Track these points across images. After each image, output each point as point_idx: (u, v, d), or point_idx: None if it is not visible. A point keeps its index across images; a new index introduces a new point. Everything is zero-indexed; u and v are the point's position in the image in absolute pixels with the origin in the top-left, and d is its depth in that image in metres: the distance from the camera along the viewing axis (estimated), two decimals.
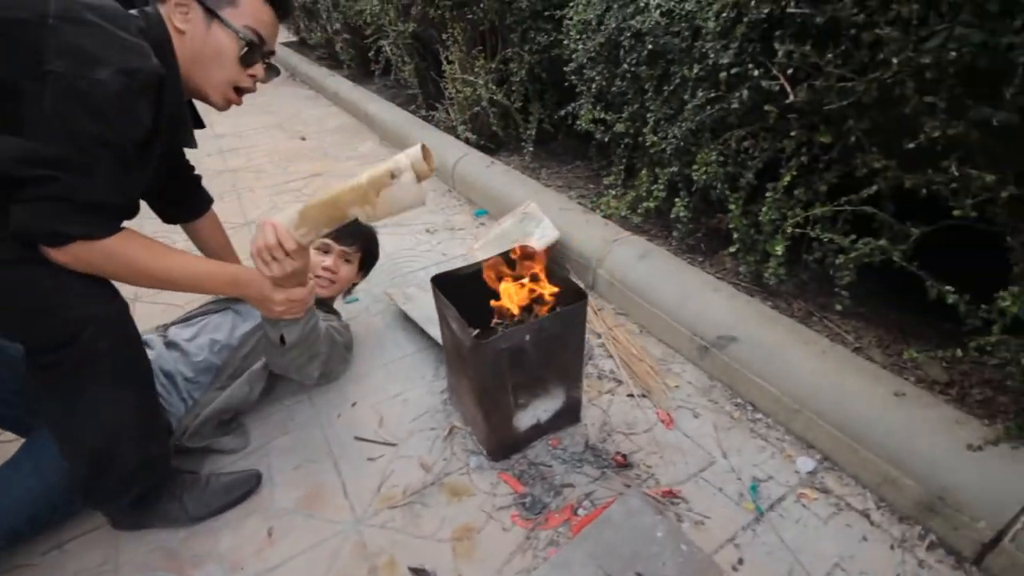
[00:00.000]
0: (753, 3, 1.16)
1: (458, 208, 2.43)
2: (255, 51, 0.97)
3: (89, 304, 0.84)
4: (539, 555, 1.00)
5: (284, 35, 7.45)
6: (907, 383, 1.10)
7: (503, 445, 1.17)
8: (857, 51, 1.03)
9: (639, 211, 1.78)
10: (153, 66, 0.82)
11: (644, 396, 1.34)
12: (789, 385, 1.19)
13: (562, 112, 2.08)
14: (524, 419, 1.15)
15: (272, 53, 1.02)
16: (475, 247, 1.99)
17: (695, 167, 1.46)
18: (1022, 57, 0.81)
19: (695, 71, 1.36)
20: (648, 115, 1.59)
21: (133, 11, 0.88)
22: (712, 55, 1.29)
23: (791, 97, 1.16)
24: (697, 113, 1.39)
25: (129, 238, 0.84)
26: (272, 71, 1.06)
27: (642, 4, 1.46)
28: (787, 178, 1.26)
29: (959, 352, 1.02)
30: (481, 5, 2.18)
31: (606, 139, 1.88)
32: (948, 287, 1.02)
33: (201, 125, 1.08)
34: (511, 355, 1.01)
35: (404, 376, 1.46)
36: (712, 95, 1.35)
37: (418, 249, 2.10)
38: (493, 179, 2.31)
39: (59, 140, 0.73)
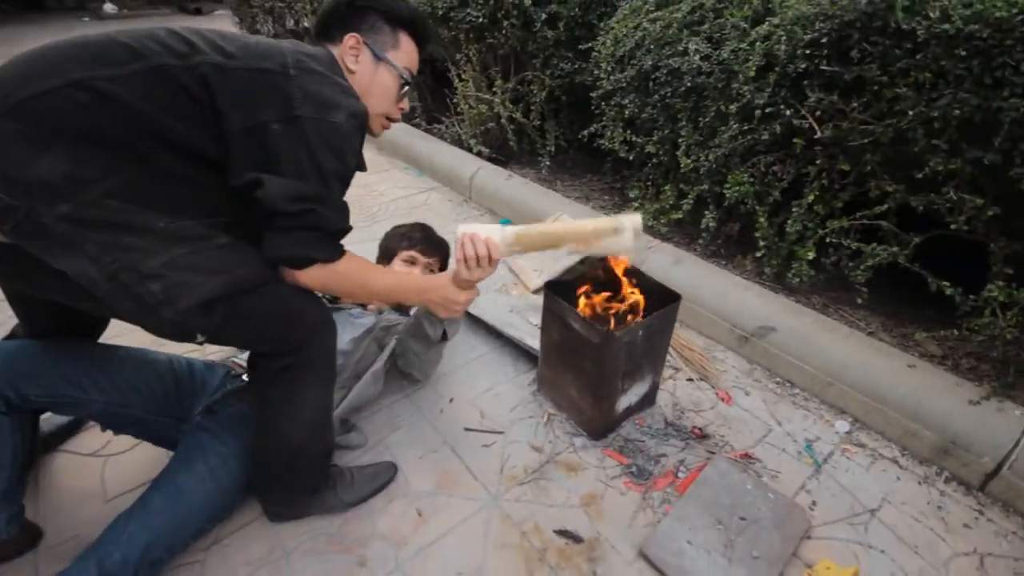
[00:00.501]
0: (786, 59, 1.44)
1: (479, 218, 2.59)
2: (408, 86, 1.12)
3: (316, 313, 0.97)
4: (657, 511, 1.21)
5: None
6: (914, 358, 1.43)
7: (604, 426, 1.37)
8: (878, 102, 1.33)
9: (663, 222, 2.04)
10: (363, 107, 0.95)
11: (702, 379, 1.59)
12: (822, 363, 1.49)
13: (584, 132, 2.31)
14: (622, 403, 1.36)
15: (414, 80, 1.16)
16: (515, 256, 2.17)
17: (727, 186, 1.73)
18: (1007, 116, 1.13)
19: (730, 107, 1.63)
20: (680, 140, 1.85)
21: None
22: (748, 95, 1.56)
23: (818, 134, 1.45)
24: (731, 142, 1.67)
25: (351, 259, 0.97)
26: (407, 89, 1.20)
27: (681, 48, 1.71)
28: (811, 196, 1.56)
29: (955, 332, 1.35)
30: (504, 32, 2.37)
31: (630, 157, 2.12)
32: (945, 282, 1.35)
33: None
34: (628, 347, 1.22)
35: (487, 373, 1.61)
36: (745, 127, 1.63)
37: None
38: (514, 191, 2.50)
39: (314, 177, 0.86)
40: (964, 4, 1.13)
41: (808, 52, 1.40)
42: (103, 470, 1.31)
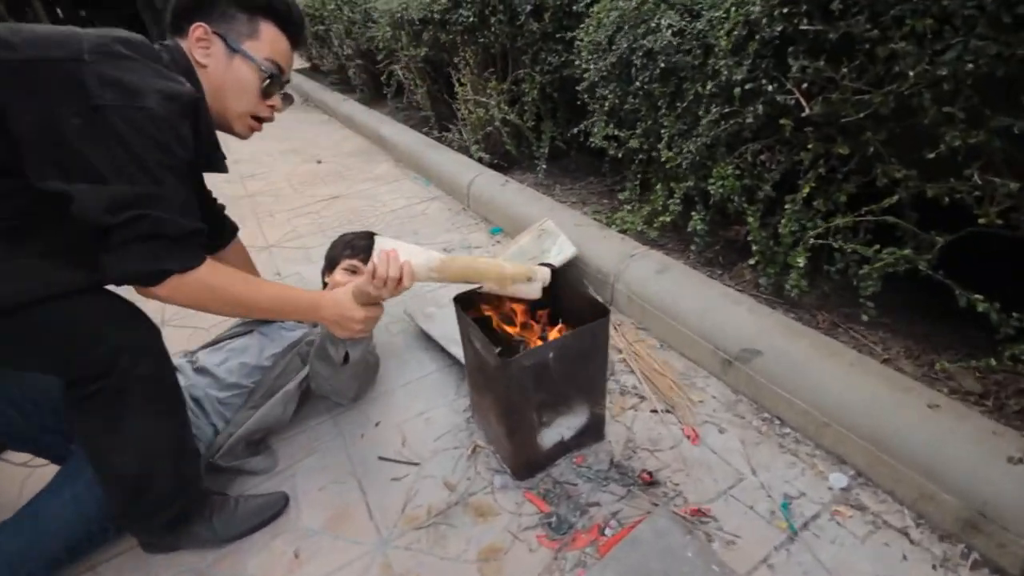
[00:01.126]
0: (765, 21, 1.17)
1: (474, 226, 2.46)
2: (275, 82, 1.01)
3: (124, 333, 0.87)
4: None
5: (297, 62, 7.67)
6: (940, 394, 1.08)
7: (527, 463, 1.17)
8: (872, 65, 1.04)
9: (655, 225, 1.78)
10: (189, 90, 0.86)
11: (668, 411, 1.33)
12: (817, 398, 1.18)
13: (574, 130, 2.10)
14: (548, 437, 1.15)
15: (288, 82, 1.06)
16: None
17: (711, 181, 1.46)
18: None
19: (708, 87, 1.37)
20: (662, 131, 1.60)
21: (155, 45, 0.92)
22: (725, 72, 1.30)
23: (807, 110, 1.17)
24: (712, 128, 1.41)
25: (215, 267, 0.88)
26: (287, 99, 1.10)
27: (653, 24, 1.48)
28: (805, 190, 1.26)
29: (992, 361, 1.00)
30: (492, 29, 2.23)
31: (619, 155, 1.89)
32: (977, 296, 1.01)
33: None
34: (535, 372, 1.02)
35: (426, 395, 1.46)
36: (726, 110, 1.36)
37: None
38: (507, 197, 2.34)
39: (131, 174, 0.77)
40: None
41: (786, 11, 1.13)
42: (25, 482, 1.31)
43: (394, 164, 3.45)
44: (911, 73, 0.95)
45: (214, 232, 1.31)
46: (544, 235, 1.95)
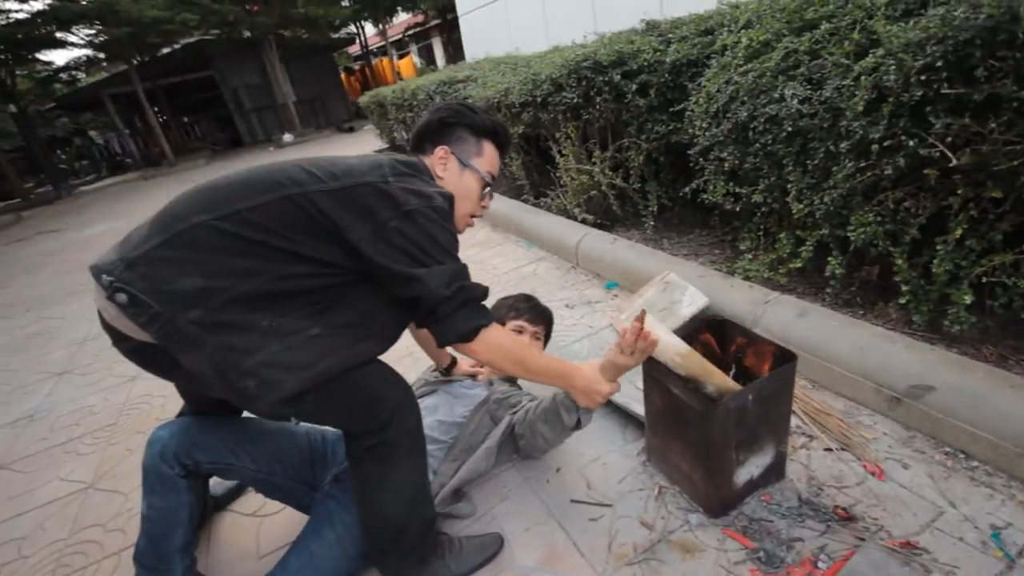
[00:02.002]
0: (900, 87, 1.31)
1: (588, 283, 2.63)
2: (491, 187, 1.24)
3: (397, 393, 1.08)
4: None
5: (376, 143, 8.44)
6: None
7: (722, 502, 1.25)
8: (1021, 119, 1.15)
9: (781, 272, 1.88)
10: (449, 192, 1.09)
11: (844, 449, 1.38)
12: (1006, 430, 1.21)
13: (685, 189, 2.27)
14: (741, 475, 1.24)
15: (495, 182, 1.29)
16: (621, 317, 2.14)
17: (851, 228, 1.56)
18: None
19: (841, 146, 1.51)
20: (788, 185, 1.74)
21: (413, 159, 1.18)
22: (859, 131, 1.44)
23: (954, 162, 1.28)
24: (847, 181, 1.53)
25: (499, 328, 1.09)
26: (491, 196, 1.32)
27: (776, 95, 1.65)
28: (958, 232, 1.35)
29: None
30: (597, 107, 2.49)
31: (737, 208, 2.03)
32: None
33: None
34: (737, 415, 1.13)
35: (594, 442, 1.58)
36: (862, 164, 1.49)
37: (563, 324, 2.28)
38: (619, 253, 2.51)
39: (444, 255, 0.99)
40: None
41: (923, 78, 1.27)
42: (259, 529, 1.51)
43: (492, 230, 3.73)
44: None
45: None
46: (669, 287, 2.08)
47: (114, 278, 0.90)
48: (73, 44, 12.94)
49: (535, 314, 1.69)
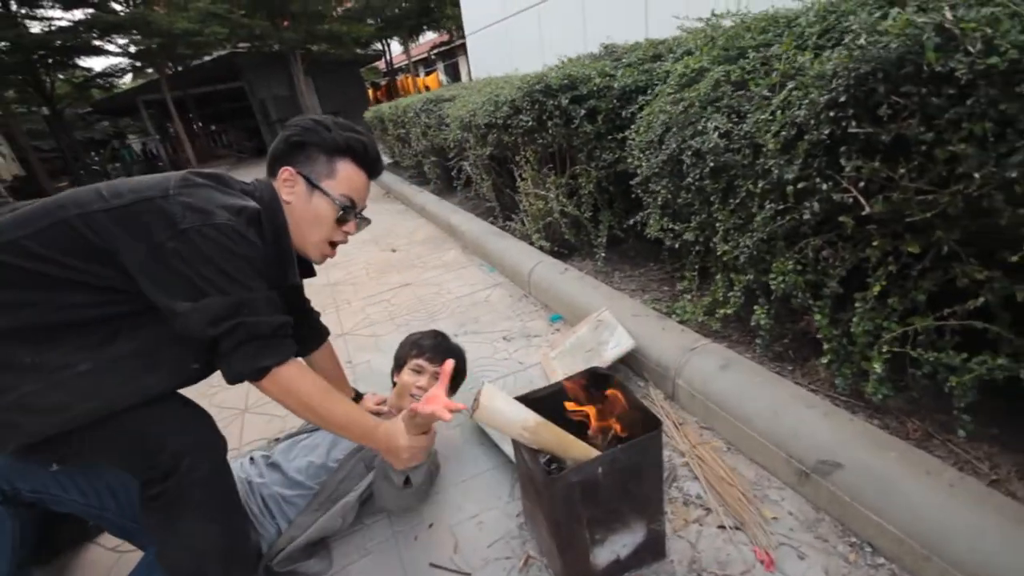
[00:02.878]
0: (813, 123, 1.18)
1: (535, 313, 2.50)
2: (349, 213, 1.13)
3: (185, 436, 0.96)
4: None
5: (384, 159, 8.52)
6: None
7: None
8: (933, 165, 1.00)
9: (717, 316, 1.73)
10: (251, 205, 0.99)
11: (738, 528, 1.21)
12: (914, 524, 1.03)
13: (631, 221, 2.14)
14: (602, 555, 1.09)
15: (362, 210, 1.18)
16: (550, 355, 2.01)
17: (772, 275, 1.42)
18: None
19: (760, 186, 1.37)
20: (717, 224, 1.60)
21: (247, 181, 1.08)
22: (776, 171, 1.30)
23: (867, 210, 1.13)
24: (767, 224, 1.38)
25: (304, 370, 0.98)
26: (364, 221, 1.22)
27: (700, 127, 1.53)
28: (876, 288, 1.19)
29: None
30: (549, 131, 2.39)
31: (676, 245, 1.89)
32: None
33: (312, 274, 1.25)
34: (583, 488, 0.98)
35: (480, 496, 1.44)
36: (781, 207, 1.34)
37: (495, 357, 2.16)
38: (567, 285, 2.38)
39: (222, 285, 0.88)
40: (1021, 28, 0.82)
41: (832, 115, 1.13)
42: (115, 565, 1.42)
43: (462, 251, 3.64)
44: (976, 175, 0.90)
45: (308, 336, 1.43)
46: (601, 326, 1.95)
47: None
48: (109, 52, 13.52)
49: (438, 351, 1.57)
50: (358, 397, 1.59)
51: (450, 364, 1.10)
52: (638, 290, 2.26)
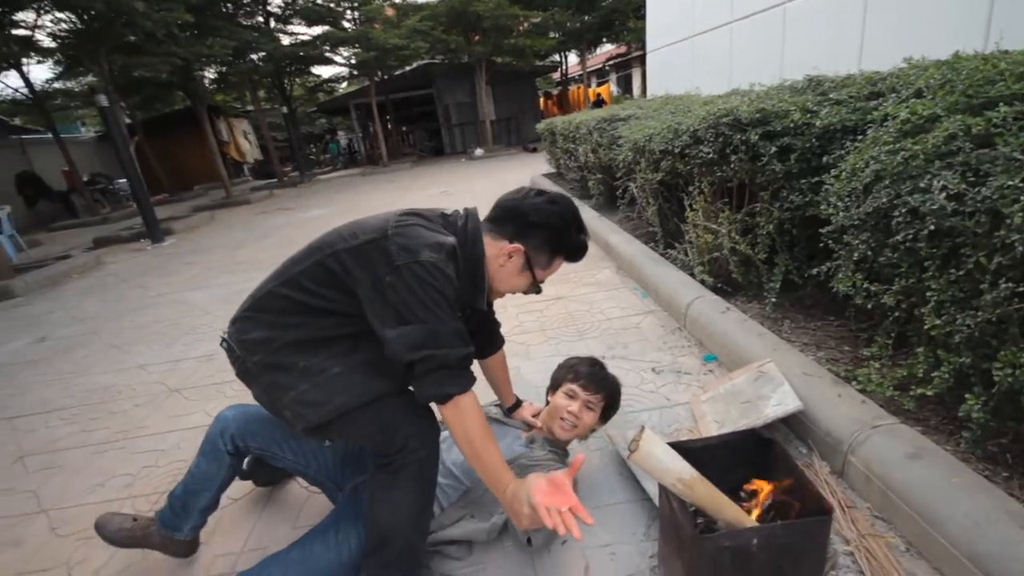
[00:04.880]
0: None
1: (687, 349, 2.43)
2: (534, 289, 1.28)
3: (413, 425, 1.17)
4: None
5: (546, 167, 8.85)
6: None
7: None
8: None
9: (911, 394, 1.52)
10: (449, 241, 1.13)
11: None
12: None
13: (814, 271, 1.97)
14: None
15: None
16: (701, 399, 1.95)
17: (997, 364, 1.21)
18: None
19: (995, 260, 1.18)
20: (928, 293, 1.40)
21: (448, 211, 1.25)
22: (1021, 247, 1.11)
23: None
24: (999, 305, 1.19)
25: (476, 404, 1.11)
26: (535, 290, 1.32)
27: (923, 184, 1.36)
28: None
29: None
30: (732, 165, 2.29)
31: (869, 306, 1.69)
32: None
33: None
34: (734, 555, 0.97)
35: (614, 526, 1.47)
36: (1021, 289, 1.14)
37: (642, 388, 2.15)
38: (728, 326, 2.26)
39: (421, 316, 1.05)
40: None
41: None
42: (304, 503, 1.74)
43: (615, 271, 3.65)
44: None
45: (487, 343, 1.60)
46: (763, 378, 1.83)
47: (224, 332, 1.27)
48: (335, 62, 16.11)
49: (592, 381, 1.61)
50: (518, 403, 1.72)
51: (580, 460, 1.08)
52: (811, 345, 2.07)
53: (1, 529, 1.82)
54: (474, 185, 9.70)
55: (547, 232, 1.20)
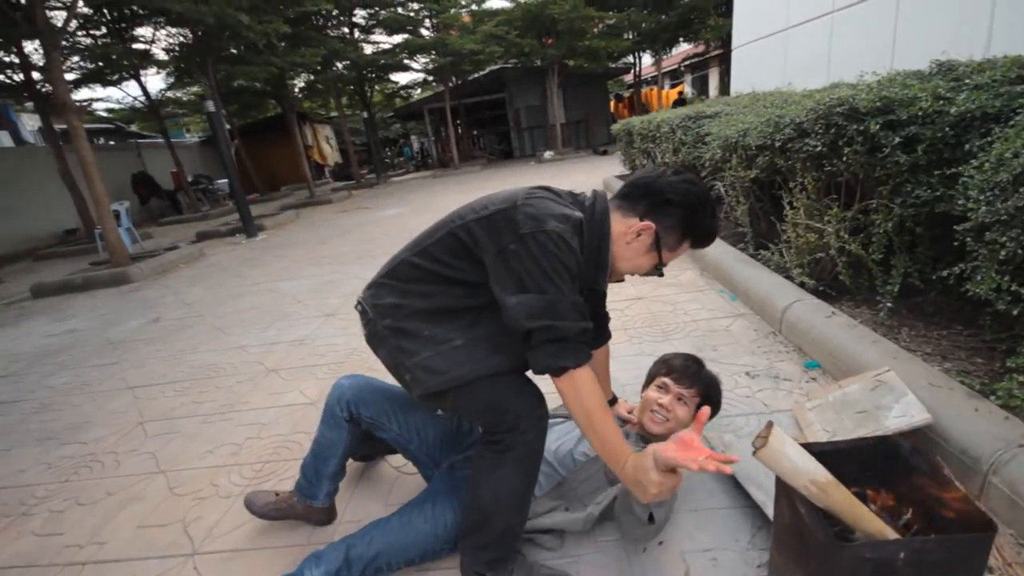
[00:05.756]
0: None
1: (784, 355, 2.28)
2: (658, 271, 1.23)
3: (524, 406, 1.17)
4: None
5: (618, 169, 8.69)
6: None
7: None
8: None
9: None
10: (576, 215, 1.11)
11: None
12: None
13: (944, 272, 1.78)
14: None
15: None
16: (806, 407, 1.81)
17: None
18: None
19: None
20: None
21: (577, 193, 1.23)
22: None
23: None
24: None
25: (592, 377, 1.09)
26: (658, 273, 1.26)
27: None
28: None
29: None
30: (844, 159, 2.13)
31: (1015, 312, 1.50)
32: None
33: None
34: (875, 568, 0.88)
35: (715, 532, 1.39)
36: None
37: (736, 392, 2.03)
38: (834, 331, 2.10)
39: (542, 285, 1.04)
40: None
41: None
42: (395, 482, 1.79)
43: (699, 273, 3.51)
44: None
45: (597, 336, 1.53)
46: (882, 387, 1.68)
47: (361, 295, 1.32)
48: (412, 68, 16.73)
49: (686, 375, 1.55)
50: (614, 400, 1.68)
51: (706, 412, 1.04)
52: (935, 355, 1.87)
53: (126, 485, 2.01)
54: None
55: (681, 211, 1.14)
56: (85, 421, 2.63)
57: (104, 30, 10.13)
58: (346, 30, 15.50)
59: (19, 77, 8.49)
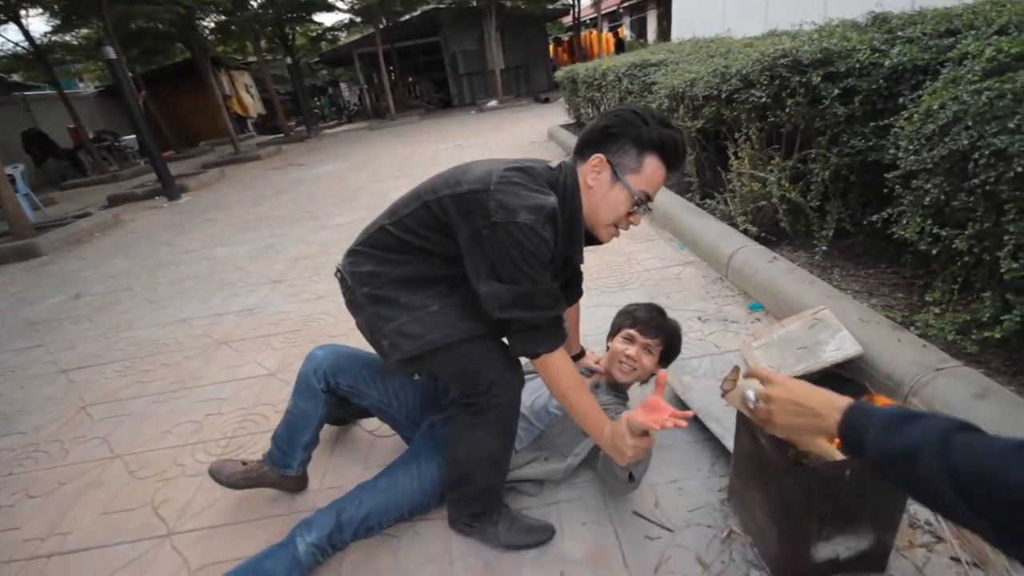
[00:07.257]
0: None
1: (731, 299, 2.44)
2: (641, 205, 1.18)
3: (497, 370, 1.19)
4: None
5: (565, 117, 8.62)
6: None
7: (792, 570, 1.14)
8: None
9: (974, 337, 1.53)
10: (550, 202, 1.09)
11: (976, 566, 1.13)
12: None
13: (873, 217, 1.94)
14: (822, 551, 1.10)
15: (651, 202, 1.20)
16: (753, 345, 1.97)
17: None
18: None
19: None
20: (1006, 237, 1.39)
21: (553, 163, 1.22)
22: None
23: None
24: None
25: (566, 360, 1.15)
26: (647, 211, 1.24)
27: (1012, 125, 1.32)
28: None
29: None
30: (787, 110, 2.22)
31: (934, 251, 1.68)
32: None
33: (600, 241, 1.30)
34: (825, 484, 1.01)
35: (679, 464, 1.53)
36: None
37: (689, 336, 2.17)
38: (775, 275, 2.26)
39: (513, 275, 1.06)
40: None
41: None
42: (372, 445, 1.81)
43: (649, 222, 3.62)
44: None
45: (569, 294, 1.53)
46: (819, 324, 1.84)
47: (340, 262, 1.32)
48: (339, 8, 15.46)
49: (651, 327, 1.63)
50: (581, 353, 1.75)
51: (664, 375, 1.12)
52: (863, 292, 2.07)
53: (80, 472, 1.92)
54: (488, 138, 9.49)
55: (619, 130, 1.12)
56: (18, 410, 2.44)
57: None
58: None
59: None
